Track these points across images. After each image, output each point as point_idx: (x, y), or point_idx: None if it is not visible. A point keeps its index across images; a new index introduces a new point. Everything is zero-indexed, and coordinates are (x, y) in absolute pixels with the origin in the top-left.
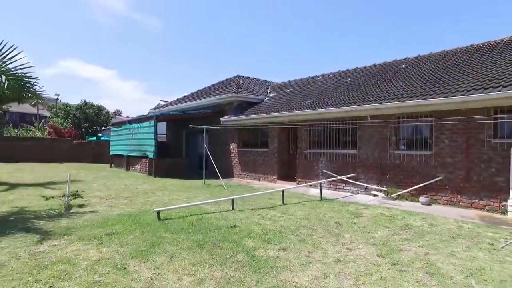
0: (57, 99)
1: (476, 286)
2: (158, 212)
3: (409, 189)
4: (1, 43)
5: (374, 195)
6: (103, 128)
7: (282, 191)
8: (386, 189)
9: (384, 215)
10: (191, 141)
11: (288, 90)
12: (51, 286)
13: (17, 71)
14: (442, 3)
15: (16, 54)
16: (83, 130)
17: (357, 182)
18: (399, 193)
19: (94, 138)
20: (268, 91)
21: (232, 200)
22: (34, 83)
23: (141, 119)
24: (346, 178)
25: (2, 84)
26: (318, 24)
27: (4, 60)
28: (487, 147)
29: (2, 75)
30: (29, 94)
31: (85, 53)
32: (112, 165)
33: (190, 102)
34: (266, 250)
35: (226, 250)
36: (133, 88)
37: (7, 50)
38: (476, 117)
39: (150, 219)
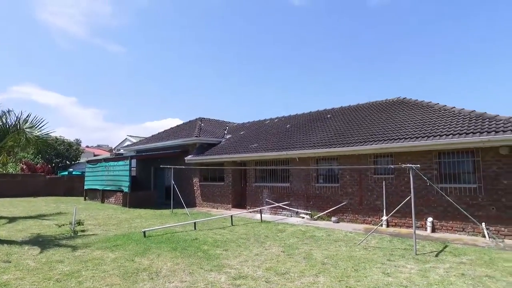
0: None
1: (325, 260)
2: (144, 232)
3: (325, 212)
4: (35, 117)
5: (302, 217)
6: (73, 162)
7: (231, 216)
8: (310, 212)
9: (301, 230)
10: (158, 175)
11: (241, 133)
12: (97, 268)
13: (43, 136)
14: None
15: (44, 124)
16: (54, 165)
17: (290, 208)
18: (319, 215)
19: (66, 173)
20: (226, 132)
21: (195, 223)
22: (52, 143)
23: (116, 158)
24: (282, 205)
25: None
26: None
27: (34, 129)
28: (371, 181)
29: (33, 138)
30: (48, 149)
31: (42, 78)
32: (86, 198)
33: (158, 143)
34: (215, 250)
35: (191, 251)
36: (93, 115)
37: (37, 122)
38: (360, 163)
39: (138, 237)
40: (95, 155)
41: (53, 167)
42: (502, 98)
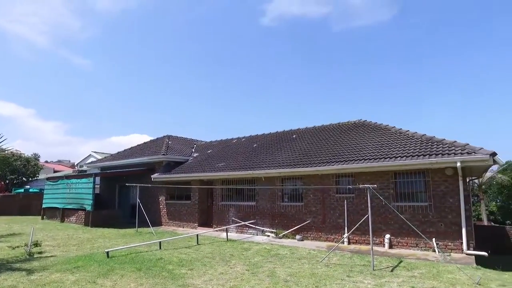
0: None
1: (288, 278)
2: (107, 252)
3: (290, 230)
4: None
5: (267, 236)
6: (30, 179)
7: (197, 235)
8: (275, 230)
9: (266, 249)
10: (123, 193)
11: (209, 151)
12: None
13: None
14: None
15: (2, 141)
16: (8, 182)
17: (256, 227)
18: (284, 233)
19: (22, 190)
20: (193, 150)
21: (160, 242)
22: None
23: (79, 176)
24: (248, 223)
25: None
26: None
27: None
28: (333, 200)
29: None
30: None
31: None
32: (44, 217)
33: (124, 160)
34: (180, 270)
35: (155, 271)
36: (53, 129)
37: None
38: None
39: (101, 257)
40: (55, 171)
41: (7, 184)
42: (447, 123)
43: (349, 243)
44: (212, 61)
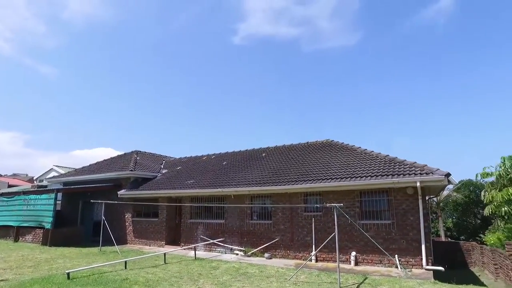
0: None
1: None
2: (68, 273)
3: (259, 248)
4: None
5: (236, 254)
6: None
7: (164, 254)
8: (244, 249)
9: (235, 267)
10: (87, 209)
11: (178, 168)
12: None
13: None
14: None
15: None
16: None
17: (225, 245)
18: (252, 251)
19: None
20: (162, 166)
21: (125, 262)
22: None
23: (39, 191)
24: (217, 241)
25: None
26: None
27: None
28: (301, 218)
29: None
30: None
31: None
32: None
33: (89, 175)
34: None
35: None
36: (10, 140)
37: None
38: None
39: (61, 279)
40: (9, 186)
41: None
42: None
43: (316, 260)
44: (181, 78)
